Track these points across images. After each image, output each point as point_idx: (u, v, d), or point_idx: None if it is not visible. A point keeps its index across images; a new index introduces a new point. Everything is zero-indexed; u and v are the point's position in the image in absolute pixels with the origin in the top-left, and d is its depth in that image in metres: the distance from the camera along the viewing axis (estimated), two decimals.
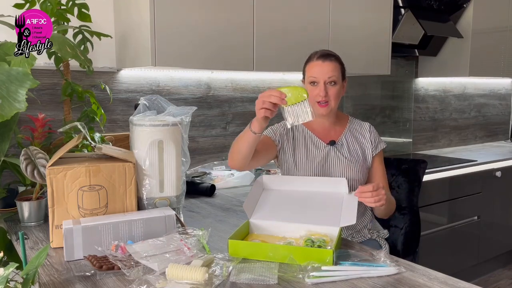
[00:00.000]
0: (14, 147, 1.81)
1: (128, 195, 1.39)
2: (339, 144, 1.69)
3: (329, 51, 1.65)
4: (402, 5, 2.84)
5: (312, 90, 1.60)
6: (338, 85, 1.61)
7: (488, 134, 4.10)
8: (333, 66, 1.60)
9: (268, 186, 1.59)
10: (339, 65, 1.62)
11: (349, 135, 1.72)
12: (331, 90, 1.59)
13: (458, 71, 3.29)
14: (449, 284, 1.09)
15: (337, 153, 1.68)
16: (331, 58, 1.61)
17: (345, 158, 1.67)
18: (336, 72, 1.60)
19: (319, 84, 1.59)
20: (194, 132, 2.39)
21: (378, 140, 1.74)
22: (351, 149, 1.69)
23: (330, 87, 1.59)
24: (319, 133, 1.71)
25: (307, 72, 1.64)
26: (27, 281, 0.99)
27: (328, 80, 1.59)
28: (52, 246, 1.32)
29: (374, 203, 1.41)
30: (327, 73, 1.58)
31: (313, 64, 1.62)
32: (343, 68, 1.65)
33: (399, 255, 1.78)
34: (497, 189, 3.14)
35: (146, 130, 1.42)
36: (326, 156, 1.67)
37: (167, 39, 1.87)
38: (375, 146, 1.72)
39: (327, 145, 1.68)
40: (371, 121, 3.18)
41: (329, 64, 1.59)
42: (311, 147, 1.69)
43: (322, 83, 1.59)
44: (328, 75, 1.58)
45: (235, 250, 1.26)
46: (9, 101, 1.15)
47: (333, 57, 1.62)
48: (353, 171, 1.65)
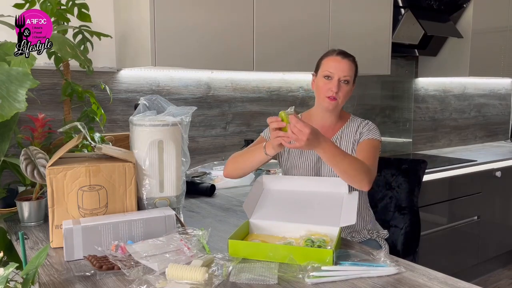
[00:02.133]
0: (14, 147, 1.81)
1: (128, 195, 1.39)
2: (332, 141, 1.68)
3: (346, 51, 1.66)
4: (402, 5, 2.84)
5: (325, 84, 1.61)
6: (350, 85, 1.63)
7: (488, 134, 4.10)
8: (350, 65, 1.62)
9: (268, 186, 1.59)
10: (354, 67, 1.64)
11: (345, 132, 1.71)
12: (343, 88, 1.61)
13: (458, 71, 3.29)
14: (449, 284, 1.09)
15: None
16: (350, 58, 1.63)
17: None
18: (352, 72, 1.62)
19: (333, 80, 1.60)
20: (194, 132, 2.39)
21: (368, 131, 1.67)
22: (343, 145, 1.68)
23: (343, 85, 1.60)
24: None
25: (323, 65, 1.64)
26: (27, 281, 0.99)
27: (343, 78, 1.60)
28: (52, 246, 1.32)
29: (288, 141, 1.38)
30: (343, 71, 1.60)
31: (331, 58, 1.63)
32: (357, 71, 1.66)
33: (399, 255, 1.78)
34: (497, 189, 3.14)
35: (146, 130, 1.42)
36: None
37: (167, 39, 1.87)
38: (363, 134, 1.67)
39: None
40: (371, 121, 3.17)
41: (347, 62, 1.61)
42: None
43: (337, 79, 1.59)
44: (344, 73, 1.60)
45: (235, 250, 1.26)
46: (9, 101, 1.15)
47: (351, 57, 1.64)
48: None
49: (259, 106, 2.61)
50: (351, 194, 1.50)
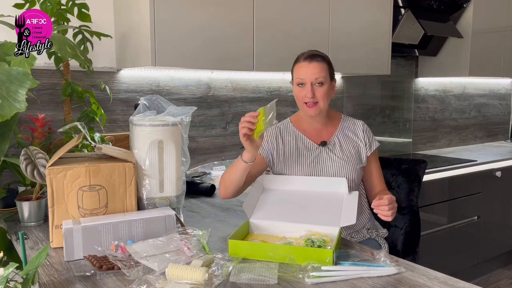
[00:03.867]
0: (14, 147, 1.81)
1: (128, 195, 1.39)
2: (331, 144, 1.69)
3: (316, 52, 1.63)
4: (402, 5, 2.84)
5: (299, 92, 1.60)
6: (326, 85, 1.59)
7: (488, 134, 4.10)
8: (320, 66, 1.58)
9: (268, 186, 1.59)
10: (326, 65, 1.60)
11: (341, 134, 1.71)
12: (319, 91, 1.58)
13: (458, 71, 3.29)
14: (449, 284, 1.09)
15: (329, 153, 1.67)
16: (318, 59, 1.59)
17: (338, 158, 1.66)
18: (323, 72, 1.58)
19: (306, 85, 1.58)
20: (194, 132, 2.39)
21: (372, 139, 1.72)
22: (344, 148, 1.68)
23: (317, 87, 1.58)
24: (310, 135, 1.70)
25: (294, 73, 1.63)
26: (27, 281, 0.99)
27: (315, 81, 1.57)
28: (52, 246, 1.32)
29: (389, 216, 1.41)
30: (313, 74, 1.57)
31: (299, 65, 1.61)
32: (331, 68, 1.63)
33: (399, 255, 1.78)
34: (497, 189, 3.14)
35: (146, 130, 1.42)
36: (317, 157, 1.66)
37: (167, 39, 1.87)
38: (369, 146, 1.70)
39: (318, 146, 1.68)
40: (371, 121, 3.19)
41: (316, 65, 1.58)
42: (302, 149, 1.68)
43: (309, 84, 1.57)
44: (315, 76, 1.57)
45: (235, 250, 1.26)
46: (9, 101, 1.15)
47: (319, 58, 1.60)
48: (347, 170, 1.65)
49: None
50: (351, 194, 1.50)
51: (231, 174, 1.56)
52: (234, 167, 1.54)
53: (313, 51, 1.62)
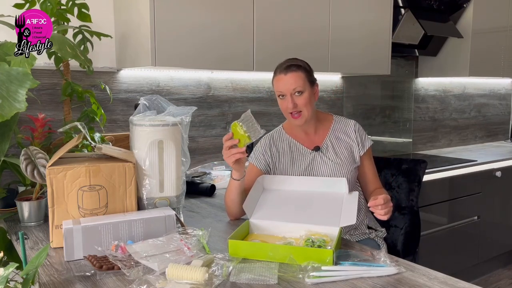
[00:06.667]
0: (14, 147, 1.81)
1: (128, 195, 1.39)
2: (324, 148, 1.70)
3: (292, 61, 1.63)
4: (402, 5, 2.84)
5: (282, 103, 1.63)
6: (306, 92, 1.60)
7: (488, 134, 4.10)
8: (296, 76, 1.59)
9: (268, 186, 1.59)
10: (302, 74, 1.60)
11: (333, 136, 1.72)
12: (299, 100, 1.59)
13: (458, 71, 3.28)
14: (449, 284, 1.09)
15: (323, 157, 1.68)
16: (293, 69, 1.60)
17: (331, 162, 1.67)
18: (300, 81, 1.59)
19: (286, 97, 1.60)
20: (194, 132, 2.39)
21: (364, 138, 1.73)
22: (337, 151, 1.69)
23: (297, 97, 1.59)
24: (303, 140, 1.72)
25: (274, 87, 1.65)
26: (27, 281, 0.99)
27: (293, 91, 1.59)
28: (52, 246, 1.32)
29: (384, 215, 1.42)
30: (291, 85, 1.58)
31: (277, 78, 1.62)
32: (309, 74, 1.63)
33: (399, 255, 1.78)
34: (497, 189, 3.14)
35: (146, 130, 1.42)
36: (311, 162, 1.68)
37: (167, 39, 1.87)
38: (362, 145, 1.71)
39: (312, 151, 1.69)
40: (371, 121, 3.19)
41: (291, 75, 1.59)
42: (296, 155, 1.70)
43: (289, 95, 1.59)
44: (292, 86, 1.58)
45: (235, 250, 1.26)
46: (9, 101, 1.15)
47: (294, 67, 1.60)
48: (341, 172, 1.66)
49: (259, 106, 2.61)
50: (351, 194, 1.50)
51: (229, 195, 1.60)
52: (228, 188, 1.59)
53: (289, 61, 1.63)
